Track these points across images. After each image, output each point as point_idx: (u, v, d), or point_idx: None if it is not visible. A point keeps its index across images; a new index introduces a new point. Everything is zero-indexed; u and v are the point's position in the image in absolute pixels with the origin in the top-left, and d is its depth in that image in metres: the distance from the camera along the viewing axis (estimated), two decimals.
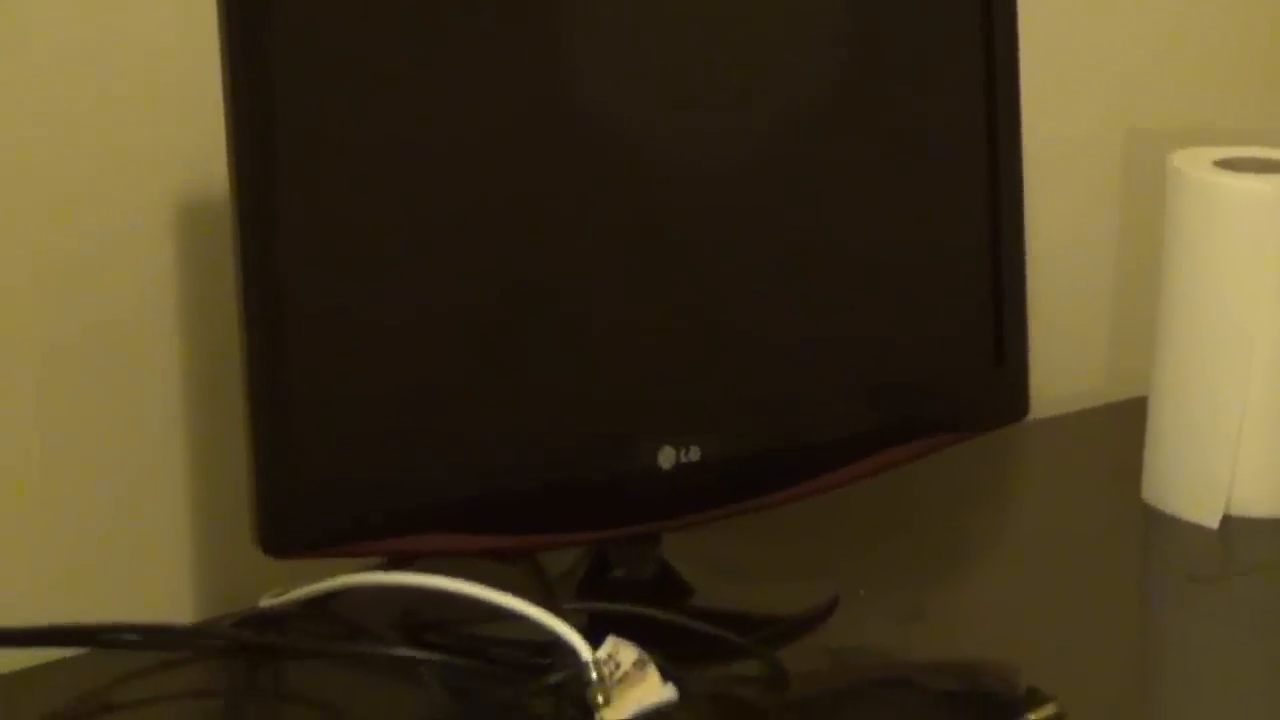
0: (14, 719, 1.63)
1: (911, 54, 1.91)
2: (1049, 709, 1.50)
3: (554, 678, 1.49)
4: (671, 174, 1.76)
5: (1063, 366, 2.41)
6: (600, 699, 1.42)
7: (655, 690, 1.45)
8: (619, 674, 1.45)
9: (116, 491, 1.83)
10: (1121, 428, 2.25)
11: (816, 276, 1.83)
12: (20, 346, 1.78)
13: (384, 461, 1.60)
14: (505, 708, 1.54)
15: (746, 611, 1.75)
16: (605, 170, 1.72)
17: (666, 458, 1.67)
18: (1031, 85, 2.10)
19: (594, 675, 1.43)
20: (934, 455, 1.94)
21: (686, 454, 1.69)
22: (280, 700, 1.69)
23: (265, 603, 1.70)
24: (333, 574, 1.67)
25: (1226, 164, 2.04)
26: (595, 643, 1.46)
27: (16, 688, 1.65)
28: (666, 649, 1.49)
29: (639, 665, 1.47)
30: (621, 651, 1.46)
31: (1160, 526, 2.06)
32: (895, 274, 1.88)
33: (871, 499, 2.00)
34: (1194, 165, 2.05)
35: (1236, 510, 2.00)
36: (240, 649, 1.68)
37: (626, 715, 1.42)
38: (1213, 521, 1.98)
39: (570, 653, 1.47)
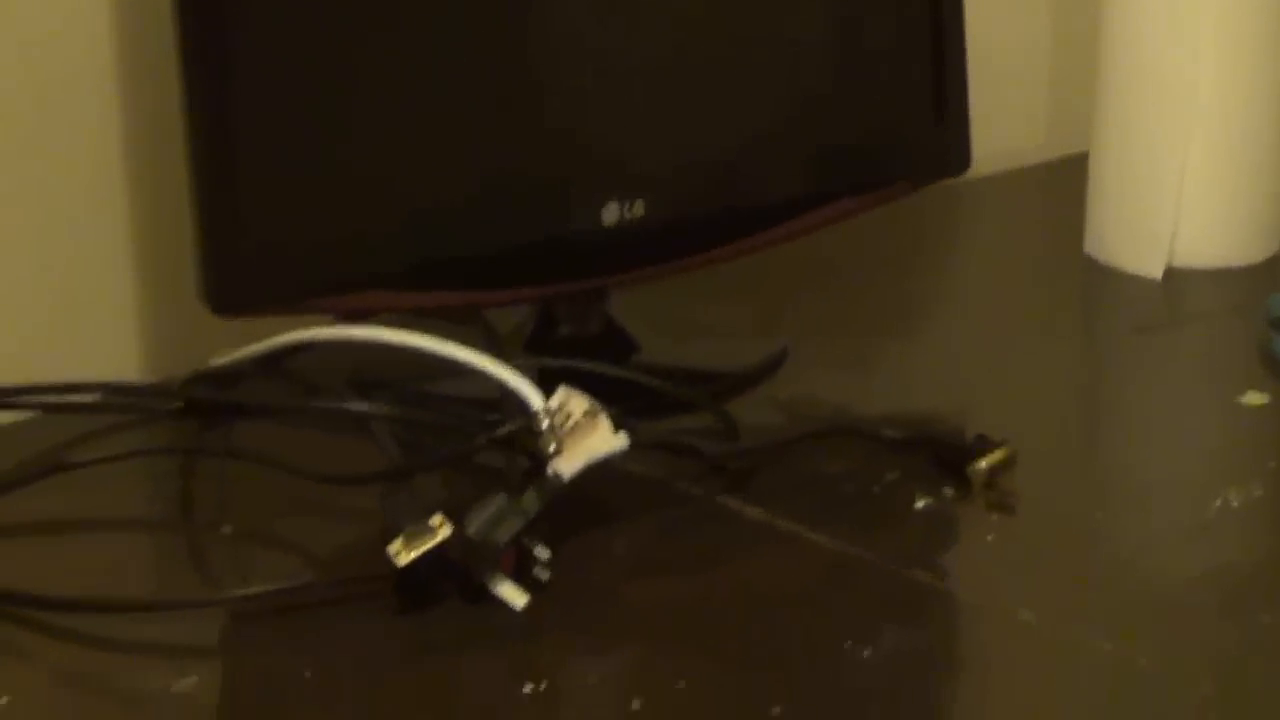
0: None
1: None
2: (999, 454, 1.54)
3: (505, 429, 1.49)
4: None
5: (1002, 122, 2.40)
6: (551, 448, 1.43)
7: (607, 440, 1.45)
8: (570, 424, 1.46)
9: (60, 253, 1.84)
10: (1063, 183, 2.29)
11: (757, 33, 1.83)
12: None
13: (330, 219, 1.61)
14: (457, 459, 1.56)
15: (695, 367, 1.78)
16: None
17: (610, 213, 1.69)
18: None
19: (545, 424, 1.44)
20: (880, 212, 1.95)
21: (630, 209, 1.70)
22: (232, 458, 1.66)
23: (216, 361, 1.72)
24: (281, 333, 1.69)
25: None
26: (545, 391, 1.49)
27: None
28: (615, 405, 1.51)
29: (590, 415, 1.46)
30: (572, 401, 1.47)
31: (1104, 279, 2.09)
32: (835, 30, 1.89)
33: (818, 256, 2.03)
34: None
35: (1179, 261, 2.04)
36: (191, 408, 1.70)
37: (578, 464, 1.43)
38: (1156, 272, 2.02)
39: (521, 404, 1.48)
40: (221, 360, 1.71)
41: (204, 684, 1.30)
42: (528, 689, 1.27)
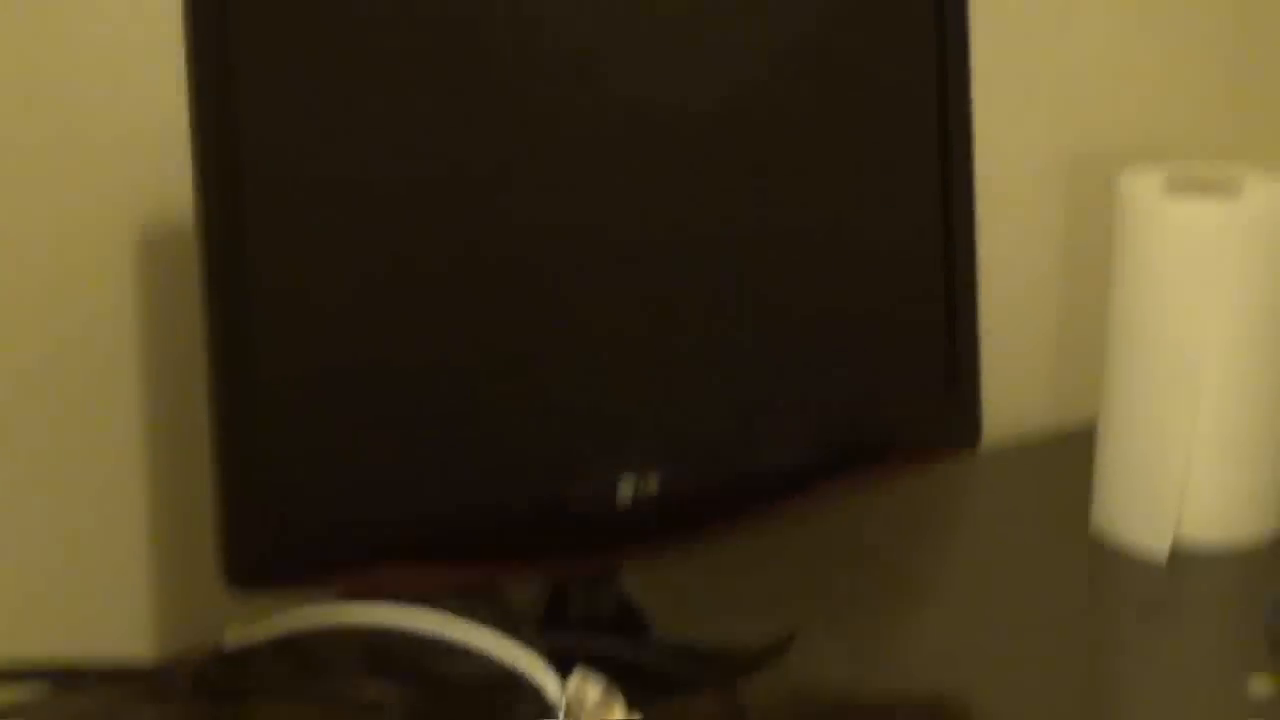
0: None
1: (868, 89, 1.91)
2: None
3: (523, 717, 1.52)
4: (631, 209, 1.75)
5: (1010, 395, 2.44)
6: (582, 708, 1.44)
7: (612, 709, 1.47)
8: (586, 708, 1.47)
9: (76, 523, 1.84)
10: (1070, 458, 2.30)
11: (772, 308, 1.82)
12: None
13: (347, 496, 1.59)
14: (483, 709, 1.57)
15: (706, 644, 1.76)
16: (561, 214, 1.70)
17: (625, 489, 1.69)
18: (977, 111, 2.10)
19: (563, 711, 1.46)
20: (889, 485, 2.01)
21: (645, 485, 1.70)
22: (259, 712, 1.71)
23: (229, 640, 1.71)
24: (294, 605, 1.68)
25: (1175, 184, 2.07)
26: (562, 674, 1.49)
27: None
28: (626, 683, 1.50)
29: (605, 698, 1.48)
30: (588, 686, 1.47)
31: (1109, 558, 2.10)
32: (851, 303, 1.88)
33: (827, 529, 2.08)
34: (1141, 188, 2.08)
35: (1185, 539, 2.04)
36: (204, 688, 1.70)
37: None
38: (1162, 551, 2.03)
39: (536, 688, 1.49)
40: (233, 641, 1.71)
41: None
42: None
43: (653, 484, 1.70)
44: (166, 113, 1.74)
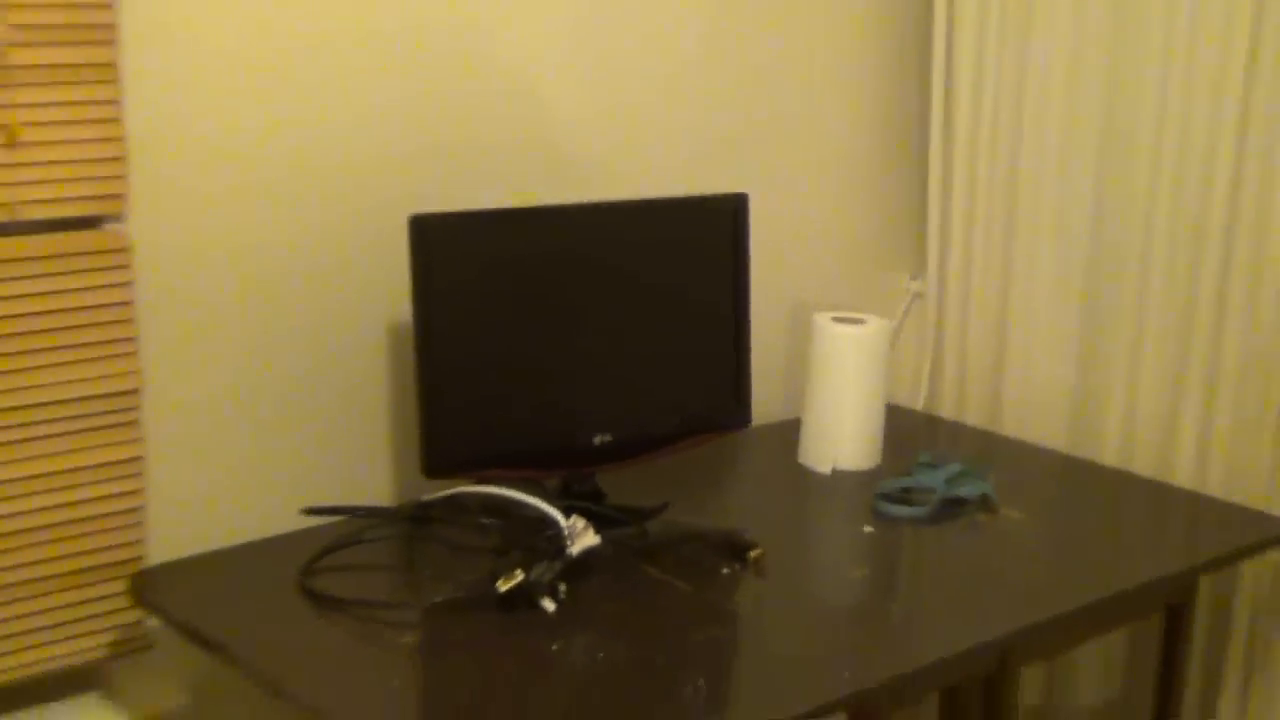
0: (295, 556, 2.06)
1: (701, 277, 2.36)
2: (758, 551, 2.07)
3: (550, 532, 2.01)
4: (600, 345, 2.28)
5: (759, 405, 2.69)
6: (567, 542, 1.98)
7: (591, 539, 2.00)
8: (579, 532, 2.02)
9: (347, 438, 2.30)
10: (790, 432, 2.67)
11: (658, 373, 2.34)
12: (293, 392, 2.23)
13: (477, 436, 2.15)
14: (529, 547, 2.01)
15: (631, 506, 2.20)
16: (579, 335, 2.24)
17: (598, 440, 2.26)
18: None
19: (565, 532, 2.01)
20: (709, 444, 2.46)
21: (605, 439, 2.26)
22: (429, 543, 2.16)
23: (432, 496, 2.18)
24: (452, 485, 2.18)
25: (839, 320, 2.54)
26: (566, 517, 2.02)
27: (292, 543, 2.13)
28: (595, 522, 2.05)
29: (585, 527, 2.01)
30: (577, 520, 2.01)
31: (807, 474, 2.54)
32: (696, 370, 2.38)
33: (680, 462, 2.49)
34: (822, 320, 2.55)
35: (838, 466, 2.53)
36: (412, 521, 2.20)
37: (578, 549, 1.98)
38: (827, 471, 2.52)
39: (555, 521, 2.02)
40: (426, 499, 2.21)
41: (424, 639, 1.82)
42: (555, 646, 1.83)
43: (609, 439, 2.27)
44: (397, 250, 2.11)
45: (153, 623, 2.06)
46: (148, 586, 1.96)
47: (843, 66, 2.78)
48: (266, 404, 2.17)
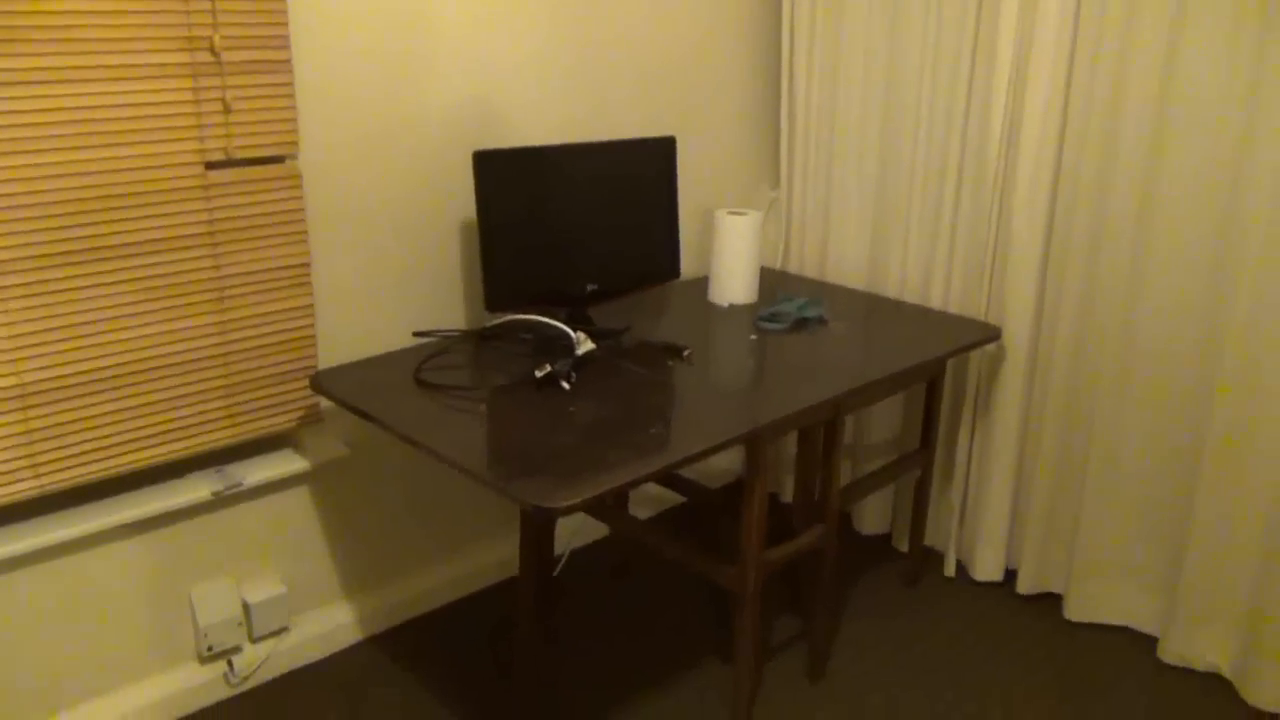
0: (410, 361, 2.03)
1: (647, 184, 2.27)
2: (689, 350, 2.09)
3: (564, 342, 2.04)
4: (591, 221, 2.15)
5: (685, 267, 2.71)
6: (576, 346, 2.00)
7: (589, 345, 2.03)
8: (581, 342, 2.02)
9: (437, 289, 2.23)
10: (702, 286, 2.56)
11: (626, 244, 2.23)
12: (405, 267, 2.15)
13: (518, 285, 2.08)
14: (552, 351, 2.04)
15: (608, 328, 2.20)
16: (577, 223, 2.12)
17: (589, 286, 2.21)
18: (689, 190, 2.52)
19: (576, 340, 2.02)
20: (655, 290, 2.40)
21: (593, 286, 2.22)
22: (491, 351, 2.09)
23: (486, 326, 2.18)
24: (504, 315, 2.14)
25: (731, 213, 2.46)
26: (573, 332, 2.02)
27: (407, 354, 2.08)
28: (591, 336, 2.05)
29: (585, 338, 2.03)
30: (580, 335, 2.03)
31: (712, 308, 2.43)
32: (647, 243, 2.29)
33: (635, 302, 2.46)
34: (723, 215, 2.45)
35: (732, 301, 2.47)
36: (479, 338, 2.18)
37: (582, 350, 1.99)
38: (724, 305, 2.44)
39: (568, 336, 2.03)
40: (487, 326, 2.18)
41: (490, 407, 1.80)
42: (571, 408, 1.80)
43: (595, 286, 2.21)
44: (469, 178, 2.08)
45: (324, 404, 2.08)
46: (322, 382, 1.95)
47: (736, 49, 2.67)
48: (389, 270, 2.14)
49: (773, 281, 2.63)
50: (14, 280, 1.67)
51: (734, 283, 2.43)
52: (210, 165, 1.82)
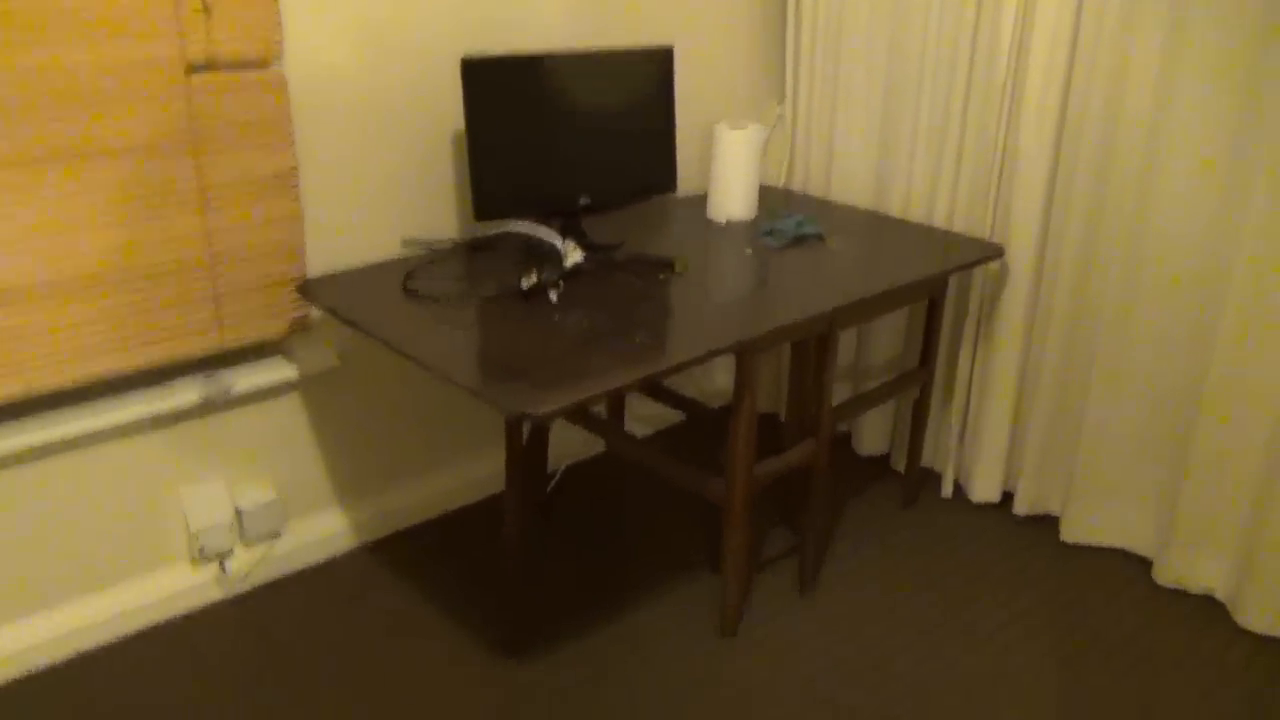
0: (398, 271, 2.01)
1: (649, 96, 2.23)
2: (683, 262, 2.07)
3: (552, 252, 2.03)
4: (583, 133, 2.09)
5: (683, 183, 2.67)
6: (565, 256, 1.99)
7: (579, 255, 2.01)
8: (570, 252, 2.00)
9: (428, 198, 2.20)
10: (701, 203, 2.52)
11: (623, 155, 2.21)
12: (385, 151, 2.10)
13: (508, 195, 2.05)
14: (540, 261, 2.02)
15: (601, 242, 2.18)
16: (571, 132, 2.09)
17: (583, 199, 2.19)
18: (691, 102, 2.48)
19: (564, 250, 2.00)
20: (651, 203, 2.36)
21: (586, 200, 2.19)
22: (480, 262, 2.08)
23: (478, 236, 2.15)
24: (494, 227, 2.11)
25: (732, 127, 2.40)
26: (563, 243, 1.99)
27: (395, 264, 2.06)
28: (581, 247, 2.02)
29: (574, 249, 2.02)
30: (570, 244, 2.01)
31: (710, 224, 2.41)
32: (644, 154, 2.25)
33: (633, 213, 2.43)
34: (723, 128, 2.40)
35: (730, 218, 2.44)
36: (469, 248, 2.16)
37: (571, 261, 1.97)
38: (722, 220, 2.43)
39: (557, 246, 2.02)
40: (479, 236, 2.16)
41: (477, 317, 1.78)
42: (556, 318, 1.78)
43: (588, 199, 2.18)
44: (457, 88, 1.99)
45: (312, 313, 2.08)
46: (309, 289, 1.95)
47: None
48: (376, 178, 2.11)
49: (775, 199, 2.59)
50: None
51: (733, 198, 2.39)
52: (192, 68, 1.80)
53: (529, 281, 1.85)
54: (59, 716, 1.81)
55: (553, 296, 1.86)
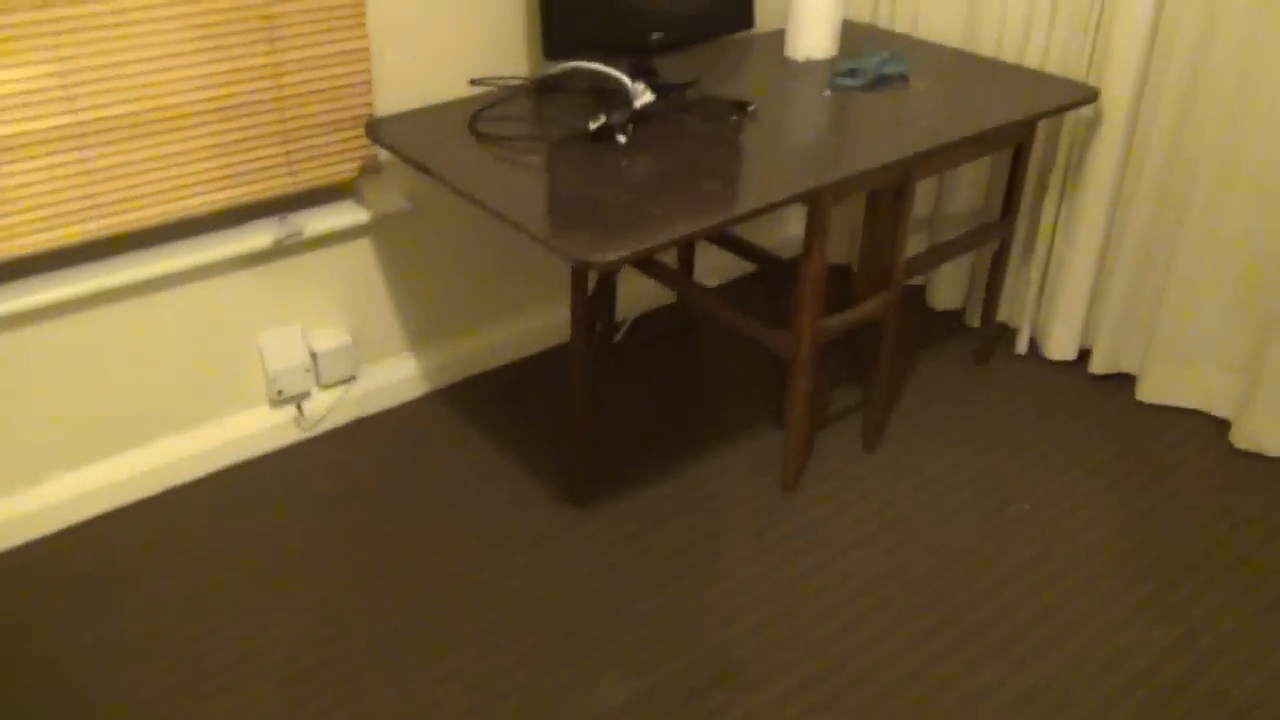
0: (466, 111, 1.99)
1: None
2: (754, 106, 2.01)
3: (622, 92, 2.00)
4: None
5: (761, 19, 2.55)
6: (635, 98, 1.91)
7: (649, 96, 1.96)
8: (640, 94, 1.92)
9: (495, 41, 2.18)
10: (778, 39, 2.38)
11: None
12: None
13: (578, 32, 2.03)
14: (609, 102, 2.00)
15: (678, 81, 2.13)
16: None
17: (656, 35, 2.13)
18: None
19: (635, 91, 1.94)
20: (727, 41, 2.27)
21: (659, 36, 2.14)
22: (548, 103, 2.02)
23: (549, 71, 2.12)
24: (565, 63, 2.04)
25: None
26: (633, 83, 1.94)
27: (464, 104, 2.02)
28: (652, 89, 1.96)
29: (645, 89, 1.96)
30: (640, 85, 1.96)
31: (789, 61, 2.32)
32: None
33: (704, 56, 2.31)
34: None
35: (812, 56, 2.31)
36: (538, 88, 2.13)
37: (641, 101, 1.91)
38: (800, 58, 2.31)
39: (625, 85, 1.96)
40: (550, 71, 2.12)
41: (545, 160, 1.78)
42: (624, 163, 1.76)
43: (661, 35, 2.14)
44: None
45: (382, 154, 2.08)
46: (378, 129, 1.94)
47: None
48: (444, 12, 2.08)
49: (859, 36, 2.50)
50: (64, 11, 1.66)
51: (812, 35, 2.31)
52: None
53: (596, 123, 1.83)
54: (150, 544, 1.92)
55: (620, 139, 1.83)
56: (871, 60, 2.25)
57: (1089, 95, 2.17)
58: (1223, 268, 2.22)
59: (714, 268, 2.80)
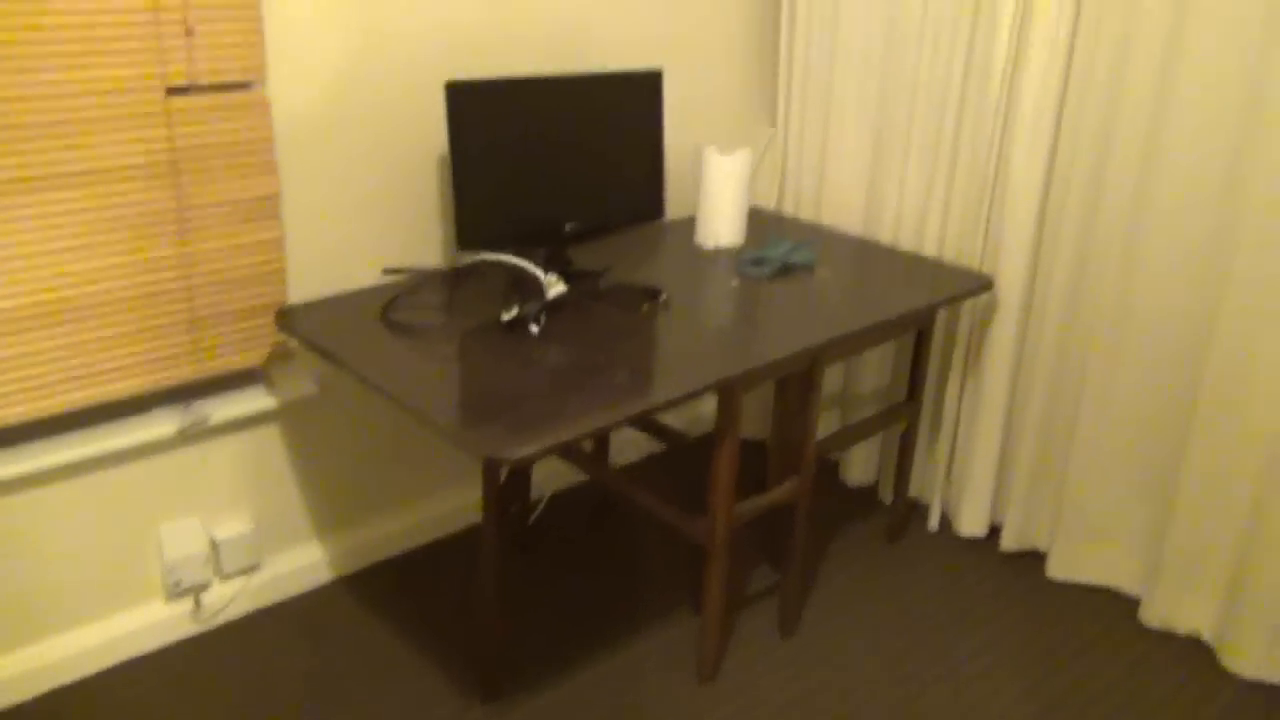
0: (378, 300, 1.99)
1: (634, 121, 2.22)
2: (665, 295, 2.05)
3: (534, 283, 2.00)
4: (569, 159, 2.09)
5: (670, 209, 2.64)
6: (547, 289, 1.97)
7: (561, 287, 1.98)
8: (552, 284, 1.99)
9: (412, 224, 2.19)
10: (689, 227, 2.52)
11: (609, 181, 2.20)
12: (371, 178, 2.11)
13: (492, 223, 2.04)
14: (522, 293, 2.00)
15: (585, 269, 2.17)
16: (557, 158, 2.09)
17: (570, 225, 2.17)
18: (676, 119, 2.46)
19: (547, 283, 1.98)
20: (638, 230, 2.34)
21: (572, 226, 2.18)
22: (462, 292, 2.06)
23: (460, 263, 2.14)
24: (475, 255, 2.09)
25: (720, 152, 2.36)
26: (545, 274, 1.97)
27: (376, 292, 2.06)
28: (565, 278, 2.02)
29: (557, 280, 1.99)
30: (552, 276, 1.99)
31: (697, 251, 2.38)
32: (631, 181, 2.25)
33: (622, 240, 2.36)
34: (711, 153, 2.37)
35: (716, 244, 2.42)
36: (451, 277, 2.14)
37: (552, 293, 1.95)
38: (710, 246, 2.40)
39: (540, 279, 1.99)
40: (461, 264, 2.15)
41: (457, 349, 1.79)
42: (536, 353, 1.78)
43: (575, 225, 2.17)
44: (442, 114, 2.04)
45: (292, 342, 2.07)
46: (289, 318, 1.94)
47: None
48: (359, 204, 2.10)
49: (766, 223, 2.56)
50: None
51: (720, 224, 2.37)
52: (172, 90, 1.78)
53: (509, 314, 1.84)
54: None
55: (534, 329, 1.84)
56: (777, 250, 2.30)
57: (984, 284, 2.25)
58: (1120, 446, 2.26)
59: (629, 442, 2.79)
